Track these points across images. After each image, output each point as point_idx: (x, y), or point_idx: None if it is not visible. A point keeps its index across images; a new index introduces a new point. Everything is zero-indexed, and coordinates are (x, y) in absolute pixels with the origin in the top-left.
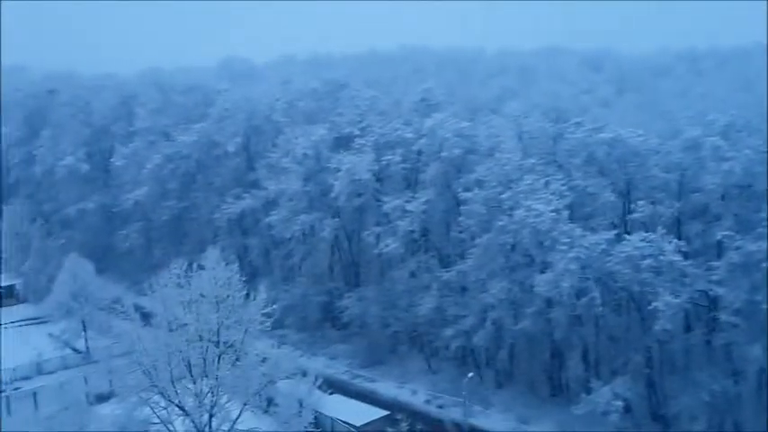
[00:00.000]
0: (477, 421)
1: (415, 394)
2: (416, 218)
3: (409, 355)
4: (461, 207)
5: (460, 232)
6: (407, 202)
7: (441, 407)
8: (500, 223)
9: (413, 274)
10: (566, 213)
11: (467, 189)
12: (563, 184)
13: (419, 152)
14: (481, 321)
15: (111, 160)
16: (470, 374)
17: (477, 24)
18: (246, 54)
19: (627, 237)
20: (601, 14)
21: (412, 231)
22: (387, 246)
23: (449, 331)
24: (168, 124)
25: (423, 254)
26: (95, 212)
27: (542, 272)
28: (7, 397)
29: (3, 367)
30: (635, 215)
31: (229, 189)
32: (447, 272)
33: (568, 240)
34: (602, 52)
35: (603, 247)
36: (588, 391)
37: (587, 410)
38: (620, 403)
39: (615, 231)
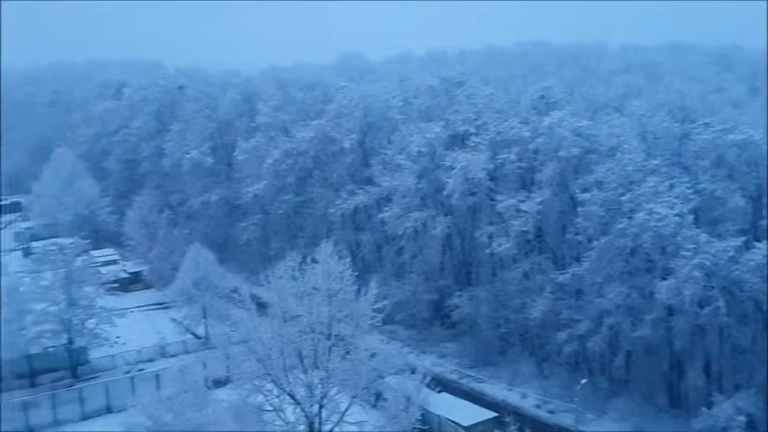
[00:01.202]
0: (589, 429)
1: (525, 398)
2: (531, 218)
3: (520, 358)
4: (578, 208)
5: (576, 234)
6: (522, 201)
7: (551, 412)
8: (619, 226)
9: (526, 276)
10: (690, 218)
11: (585, 190)
12: (688, 188)
13: (536, 151)
14: (596, 326)
15: (234, 154)
16: (583, 380)
17: (598, 20)
18: (364, 51)
19: (756, 244)
20: (728, 11)
21: (526, 232)
22: (499, 245)
23: (562, 335)
24: (288, 120)
25: (536, 255)
26: (217, 204)
27: (664, 278)
28: (132, 378)
29: (129, 349)
30: (766, 221)
31: (344, 185)
32: (561, 274)
33: (693, 246)
34: (730, 50)
35: (731, 254)
36: (709, 404)
37: (707, 425)
38: (742, 419)
39: (744, 238)
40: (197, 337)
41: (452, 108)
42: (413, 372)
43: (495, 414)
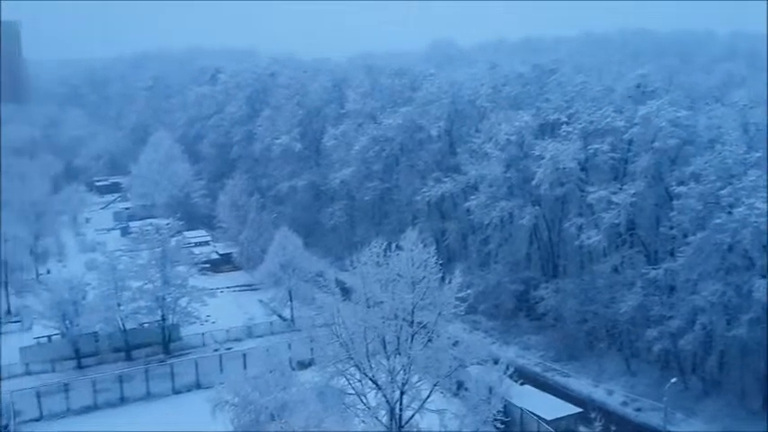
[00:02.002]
0: (678, 429)
1: (612, 394)
2: (623, 210)
3: (607, 354)
4: (674, 201)
5: (671, 228)
6: (614, 193)
7: (638, 410)
8: (717, 221)
9: (615, 270)
10: None
11: (681, 182)
12: None
13: (630, 141)
14: (689, 324)
15: (322, 140)
16: (673, 379)
17: (705, 6)
18: (456, 38)
19: None
20: None
21: (617, 224)
22: (589, 238)
23: (652, 332)
24: (376, 107)
25: (627, 249)
26: (305, 189)
27: (763, 276)
28: (221, 356)
29: (218, 328)
30: None
31: (430, 172)
32: (654, 269)
33: None
34: None
35: None
36: None
37: None
38: None
39: None
40: (283, 318)
41: (543, 96)
42: (495, 362)
43: (579, 410)
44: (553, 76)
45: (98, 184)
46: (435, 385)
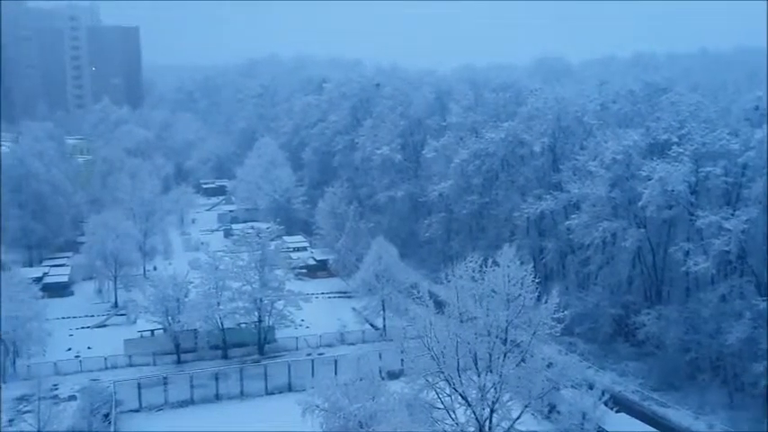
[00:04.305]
0: None
1: (712, 428)
2: (734, 237)
3: (709, 386)
4: None
5: None
6: (725, 219)
7: None
8: None
9: (723, 299)
10: None
11: None
12: None
13: (744, 166)
14: None
15: (422, 152)
16: None
17: None
18: (563, 53)
19: None
20: None
21: (727, 252)
22: (696, 264)
23: (759, 366)
24: (478, 121)
25: (737, 277)
26: (403, 200)
27: None
28: (313, 360)
29: (312, 333)
30: None
31: (531, 189)
32: (764, 301)
33: None
34: None
35: None
36: None
37: None
38: None
39: None
40: (375, 327)
41: (654, 115)
42: (590, 387)
43: None
44: (665, 95)
45: (205, 186)
46: (527, 406)
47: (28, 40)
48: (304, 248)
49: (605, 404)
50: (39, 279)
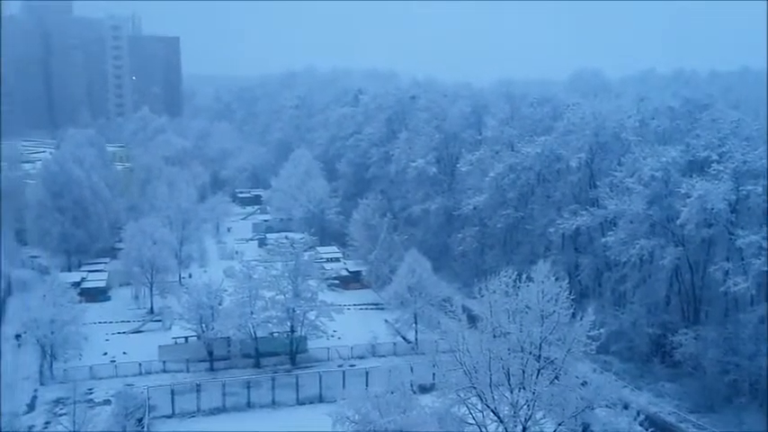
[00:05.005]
0: None
1: None
2: None
3: (748, 409)
4: None
5: None
6: (766, 239)
7: None
8: None
9: (763, 320)
10: None
11: None
12: None
13: None
14: None
15: (457, 165)
16: None
17: None
18: (602, 68)
19: None
20: None
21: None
22: (736, 284)
23: None
24: (514, 135)
25: None
26: (437, 213)
27: None
28: (344, 371)
29: (344, 344)
30: None
31: (567, 204)
32: None
33: None
34: None
35: None
36: None
37: None
38: None
39: None
40: (407, 340)
41: (694, 132)
42: (625, 407)
43: None
44: (706, 112)
45: (240, 195)
46: (560, 425)
47: (75, 49)
48: (337, 259)
49: (640, 425)
50: (77, 284)
